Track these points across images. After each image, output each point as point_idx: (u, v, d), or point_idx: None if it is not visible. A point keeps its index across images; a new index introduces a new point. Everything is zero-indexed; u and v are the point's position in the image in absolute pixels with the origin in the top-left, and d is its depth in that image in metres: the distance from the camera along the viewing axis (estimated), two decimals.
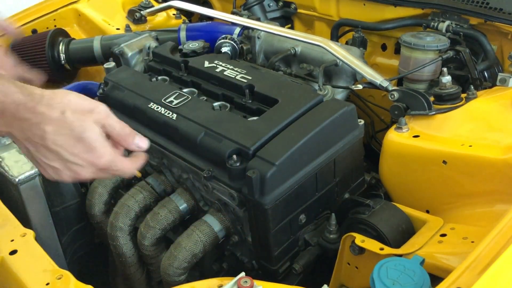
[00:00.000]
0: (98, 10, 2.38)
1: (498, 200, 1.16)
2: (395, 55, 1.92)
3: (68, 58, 2.11)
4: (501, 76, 1.42)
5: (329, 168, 1.24)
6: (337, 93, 1.51)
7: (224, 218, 1.30)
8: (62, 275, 1.03)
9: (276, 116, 1.24)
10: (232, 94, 1.39)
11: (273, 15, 2.26)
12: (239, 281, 0.88)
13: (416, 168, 1.29)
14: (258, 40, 1.75)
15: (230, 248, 1.35)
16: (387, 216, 1.17)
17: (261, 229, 1.17)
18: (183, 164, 1.30)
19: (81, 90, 1.99)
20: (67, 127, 0.91)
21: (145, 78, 1.55)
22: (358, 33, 1.77)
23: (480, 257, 0.87)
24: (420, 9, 1.79)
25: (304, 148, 1.15)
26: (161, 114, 1.34)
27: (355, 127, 1.28)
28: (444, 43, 1.52)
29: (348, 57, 1.48)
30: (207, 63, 1.51)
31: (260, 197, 1.11)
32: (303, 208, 1.22)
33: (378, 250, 1.05)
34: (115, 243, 1.41)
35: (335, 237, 1.20)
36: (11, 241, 1.13)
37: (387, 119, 1.72)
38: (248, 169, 1.12)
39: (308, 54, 1.63)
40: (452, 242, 1.07)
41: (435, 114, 1.31)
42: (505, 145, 1.17)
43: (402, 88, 1.42)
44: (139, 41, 1.78)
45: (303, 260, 1.23)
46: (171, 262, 1.25)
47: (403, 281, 0.87)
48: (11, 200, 1.41)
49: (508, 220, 0.93)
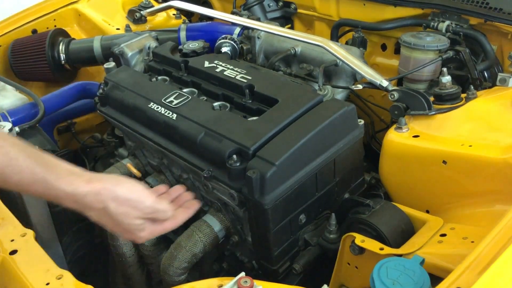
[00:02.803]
0: (98, 10, 2.38)
1: (498, 200, 1.16)
2: (395, 55, 1.91)
3: (68, 58, 2.11)
4: (501, 76, 1.42)
5: (329, 168, 1.24)
6: (337, 93, 1.51)
7: (224, 218, 1.30)
8: (62, 275, 1.03)
9: (276, 116, 1.24)
10: (232, 94, 1.39)
11: (273, 15, 2.26)
12: (239, 281, 0.88)
13: (416, 168, 1.29)
14: (258, 40, 1.75)
15: (230, 248, 1.35)
16: (387, 216, 1.17)
17: (261, 229, 1.17)
18: (183, 164, 1.30)
19: (81, 90, 2.00)
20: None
21: (145, 78, 1.55)
22: (358, 33, 1.77)
23: (480, 257, 0.87)
24: (420, 9, 1.79)
25: (304, 148, 1.15)
26: (161, 114, 1.34)
27: (355, 127, 1.28)
28: (444, 43, 1.52)
29: (348, 57, 1.48)
30: (207, 63, 1.51)
31: (260, 197, 1.11)
32: (303, 208, 1.22)
33: (378, 250, 1.05)
34: (115, 243, 1.41)
35: (335, 237, 1.20)
36: (11, 241, 1.12)
37: (387, 119, 1.72)
38: (248, 169, 1.12)
39: (308, 54, 1.63)
40: (452, 242, 1.07)
41: (435, 114, 1.31)
42: (505, 145, 1.17)
43: (402, 88, 1.42)
44: (139, 41, 1.78)
45: (303, 260, 1.23)
46: (171, 262, 1.26)
47: (403, 281, 0.87)
48: (11, 200, 1.41)
49: (508, 220, 0.93)
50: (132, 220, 1.02)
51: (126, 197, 1.01)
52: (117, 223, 1.02)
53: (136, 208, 1.02)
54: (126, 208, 1.01)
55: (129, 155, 1.62)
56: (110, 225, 1.04)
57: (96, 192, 0.98)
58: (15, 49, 2.15)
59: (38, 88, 2.27)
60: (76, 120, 2.08)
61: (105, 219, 1.02)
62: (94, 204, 0.99)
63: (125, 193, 1.01)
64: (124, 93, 1.48)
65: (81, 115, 2.09)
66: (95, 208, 1.00)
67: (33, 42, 2.14)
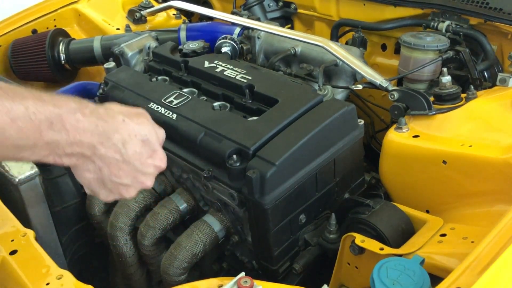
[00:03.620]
0: (98, 10, 2.38)
1: (498, 200, 1.16)
2: (395, 55, 1.91)
3: (68, 58, 2.11)
4: (501, 76, 1.42)
5: (329, 168, 1.24)
6: (337, 93, 1.51)
7: (224, 218, 1.30)
8: (62, 275, 1.03)
9: (276, 116, 1.24)
10: (232, 94, 1.39)
11: (273, 15, 2.26)
12: (239, 281, 0.88)
13: (416, 168, 1.29)
14: (258, 40, 1.75)
15: (230, 248, 1.35)
16: (387, 216, 1.17)
17: (261, 229, 1.17)
18: (183, 164, 1.30)
19: (81, 90, 1.99)
20: (132, 133, 0.88)
21: (145, 78, 1.55)
22: (358, 33, 1.77)
23: (480, 257, 0.87)
24: (420, 9, 1.79)
25: (304, 148, 1.15)
26: (161, 114, 1.34)
27: (355, 127, 1.28)
28: (444, 43, 1.52)
29: (348, 57, 1.48)
30: (207, 63, 1.51)
31: (260, 197, 1.11)
32: (303, 208, 1.22)
33: (378, 250, 1.05)
34: (115, 243, 1.41)
35: (335, 237, 1.20)
36: (11, 241, 1.13)
37: (387, 119, 1.72)
38: (248, 169, 1.12)
39: (308, 54, 1.63)
40: (452, 242, 1.07)
41: (435, 114, 1.31)
42: (505, 145, 1.17)
43: (402, 88, 1.42)
44: (139, 41, 1.78)
45: (303, 260, 1.23)
46: (171, 262, 1.26)
47: (403, 281, 0.87)
48: (11, 200, 1.41)
49: (508, 220, 0.93)
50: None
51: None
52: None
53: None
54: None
55: None
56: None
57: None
58: (15, 49, 2.15)
59: (38, 88, 2.26)
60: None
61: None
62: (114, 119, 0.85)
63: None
64: (124, 93, 1.48)
65: None
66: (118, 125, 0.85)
67: (33, 42, 2.14)
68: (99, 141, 0.84)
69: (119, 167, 0.88)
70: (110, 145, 0.86)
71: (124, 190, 0.92)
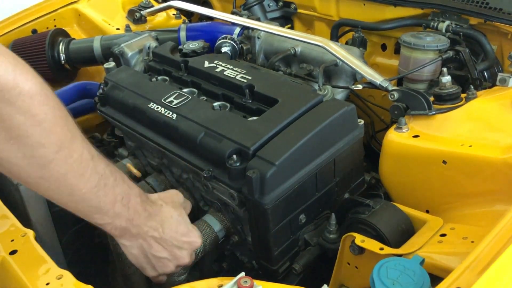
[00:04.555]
0: (98, 10, 2.38)
1: (498, 200, 1.16)
2: (395, 55, 1.91)
3: (68, 58, 2.11)
4: (501, 76, 1.42)
5: (329, 168, 1.24)
6: (337, 93, 1.51)
7: (224, 218, 1.30)
8: (62, 275, 1.02)
9: (276, 116, 1.24)
10: (232, 94, 1.39)
11: (273, 15, 2.26)
12: (239, 281, 0.88)
13: (416, 168, 1.29)
14: (258, 40, 1.75)
15: (230, 248, 1.35)
16: (387, 216, 1.17)
17: (261, 229, 1.17)
18: (183, 164, 1.30)
19: (81, 90, 1.99)
20: (168, 215, 1.11)
21: (145, 78, 1.55)
22: (358, 33, 1.77)
23: (480, 257, 0.87)
24: (420, 9, 1.79)
25: (304, 148, 1.15)
26: (161, 114, 1.34)
27: (355, 127, 1.28)
28: (444, 43, 1.52)
29: (348, 57, 1.48)
30: (207, 63, 1.51)
31: (260, 197, 1.11)
32: (303, 208, 1.22)
33: (378, 250, 1.05)
34: (115, 243, 1.40)
35: (335, 237, 1.20)
36: (11, 241, 1.12)
37: (387, 119, 1.72)
38: (248, 169, 1.12)
39: (308, 54, 1.63)
40: (452, 242, 1.07)
41: (435, 114, 1.31)
42: (505, 145, 1.17)
43: (402, 88, 1.41)
44: (139, 41, 1.78)
45: (303, 260, 1.23)
46: None
47: (403, 281, 0.87)
48: (11, 200, 1.41)
49: (508, 220, 0.93)
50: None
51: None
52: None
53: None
54: None
55: (129, 155, 1.62)
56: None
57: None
58: (15, 49, 2.15)
59: None
60: (76, 120, 2.08)
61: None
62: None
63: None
64: (124, 93, 1.48)
65: (81, 115, 2.09)
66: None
67: (33, 42, 2.14)
68: (145, 223, 1.06)
69: (158, 243, 1.08)
70: (151, 225, 1.06)
71: (164, 264, 1.11)
